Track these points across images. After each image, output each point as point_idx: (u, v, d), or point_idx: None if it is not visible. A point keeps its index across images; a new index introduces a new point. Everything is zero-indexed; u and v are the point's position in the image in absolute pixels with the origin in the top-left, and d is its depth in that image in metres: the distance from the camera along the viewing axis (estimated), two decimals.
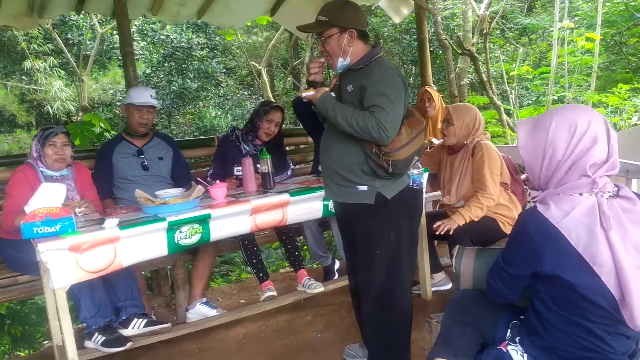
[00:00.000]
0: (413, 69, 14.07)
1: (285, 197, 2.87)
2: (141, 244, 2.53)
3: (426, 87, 4.29)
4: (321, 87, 2.34)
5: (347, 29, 2.26)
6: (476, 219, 3.07)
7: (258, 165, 3.22)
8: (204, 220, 2.67)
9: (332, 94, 2.33)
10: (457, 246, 1.93)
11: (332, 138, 2.35)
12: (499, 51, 9.66)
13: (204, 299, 3.33)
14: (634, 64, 9.90)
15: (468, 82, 7.98)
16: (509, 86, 7.02)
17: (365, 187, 2.28)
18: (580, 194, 1.46)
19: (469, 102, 7.08)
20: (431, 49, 5.00)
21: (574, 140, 1.47)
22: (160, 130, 10.19)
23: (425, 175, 3.19)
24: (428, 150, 3.62)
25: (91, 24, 10.39)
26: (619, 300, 1.40)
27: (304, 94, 2.36)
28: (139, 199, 2.77)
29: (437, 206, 4.08)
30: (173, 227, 2.59)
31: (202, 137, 10.45)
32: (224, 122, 12.47)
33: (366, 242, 2.34)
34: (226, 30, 7.86)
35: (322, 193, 2.90)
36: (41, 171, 2.99)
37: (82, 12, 4.52)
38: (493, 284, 1.62)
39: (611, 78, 8.76)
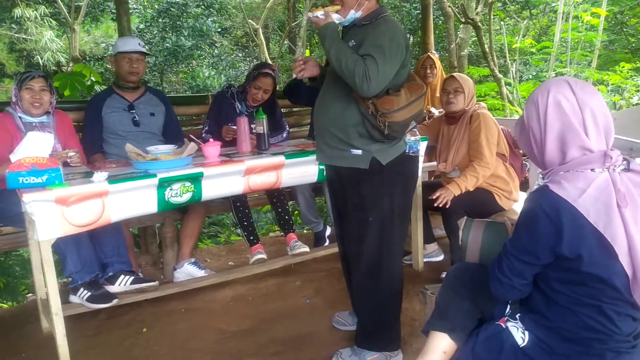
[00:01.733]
0: (412, 38, 13.88)
1: (280, 159, 2.80)
2: (130, 200, 2.46)
3: (428, 54, 4.18)
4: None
5: None
6: (471, 189, 3.03)
7: (253, 125, 3.13)
8: (195, 179, 2.60)
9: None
10: (465, 218, 1.86)
11: (328, 97, 2.28)
12: (501, 23, 9.49)
13: (192, 259, 3.29)
14: (633, 45, 9.82)
15: (467, 53, 7.86)
16: (509, 60, 6.91)
17: (359, 151, 2.22)
18: (593, 170, 1.39)
19: (468, 73, 6.99)
20: (433, 17, 4.86)
21: (541, 113, 1.44)
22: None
23: (424, 144, 3.14)
24: (427, 122, 3.55)
25: None
26: (631, 279, 1.35)
27: (312, 14, 2.23)
28: (129, 153, 2.69)
29: (433, 177, 4.04)
30: (164, 184, 2.52)
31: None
32: (217, 82, 12.25)
33: (358, 209, 2.28)
34: None
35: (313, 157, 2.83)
36: (20, 117, 2.88)
37: None
38: (505, 279, 1.50)
39: (610, 57, 8.67)
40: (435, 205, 2.98)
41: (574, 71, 6.21)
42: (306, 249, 3.24)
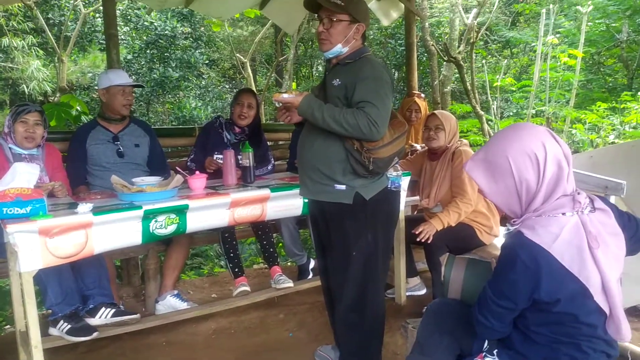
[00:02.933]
0: (396, 74, 14.16)
1: (265, 192, 2.83)
2: (114, 232, 2.46)
3: (415, 98, 4.23)
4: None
5: (358, 21, 2.25)
6: (453, 224, 3.08)
7: (239, 157, 3.17)
8: (181, 211, 2.61)
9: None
10: (448, 254, 1.90)
11: (312, 132, 2.30)
12: (483, 61, 9.76)
13: (175, 291, 3.27)
14: (610, 84, 10.12)
15: (450, 89, 8.04)
16: (490, 97, 7.08)
17: (343, 187, 2.24)
18: (564, 214, 1.43)
19: (450, 109, 7.14)
20: (417, 54, 4.98)
21: (540, 168, 1.45)
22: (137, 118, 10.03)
23: (406, 180, 3.20)
24: (410, 157, 3.61)
25: (74, 3, 10.15)
26: (608, 317, 1.39)
27: (278, 97, 2.24)
28: (115, 184, 2.70)
29: (415, 211, 4.09)
30: (149, 216, 2.53)
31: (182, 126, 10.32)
32: (203, 113, 12.34)
33: (342, 243, 2.30)
34: (213, 20, 7.75)
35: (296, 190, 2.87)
36: (10, 148, 2.89)
37: None
38: (485, 321, 1.51)
39: (588, 96, 8.92)
40: (418, 239, 3.02)
41: (552, 109, 6.39)
42: (290, 284, 3.24)
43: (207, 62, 14.16)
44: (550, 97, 6.64)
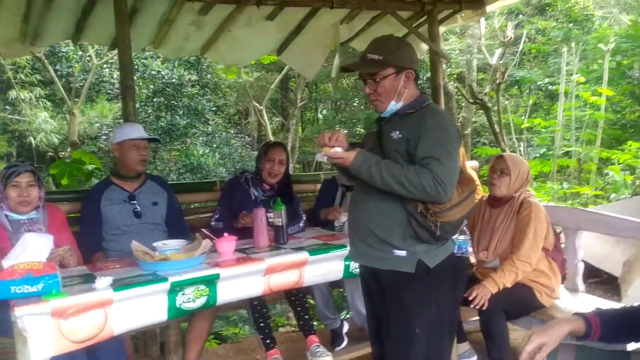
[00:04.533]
0: None
1: (303, 255, 2.53)
2: (137, 309, 2.16)
3: None
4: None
5: (405, 69, 2.03)
6: (509, 286, 2.76)
7: (269, 215, 2.89)
8: (211, 281, 2.32)
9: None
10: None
11: (365, 191, 2.05)
12: (506, 102, 9.61)
13: None
14: (623, 122, 9.94)
15: (470, 132, 7.84)
16: (516, 138, 6.87)
17: (404, 253, 1.98)
18: None
19: (476, 152, 6.91)
20: (432, 100, 4.77)
21: None
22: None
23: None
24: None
25: (86, 55, 10.10)
26: None
27: (329, 153, 1.97)
28: (135, 252, 2.42)
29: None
30: (175, 289, 2.23)
31: (195, 176, 10.10)
32: (211, 160, 12.16)
33: (402, 318, 2.02)
34: (229, 67, 7.65)
35: (343, 252, 2.59)
36: (5, 215, 2.60)
37: (79, 42, 4.22)
38: None
39: (612, 135, 8.69)
40: (472, 306, 2.70)
41: (582, 150, 6.17)
42: (330, 357, 2.90)
43: (213, 108, 14.11)
44: (579, 137, 6.43)
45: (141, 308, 2.17)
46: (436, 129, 1.93)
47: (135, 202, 3.08)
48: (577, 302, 2.99)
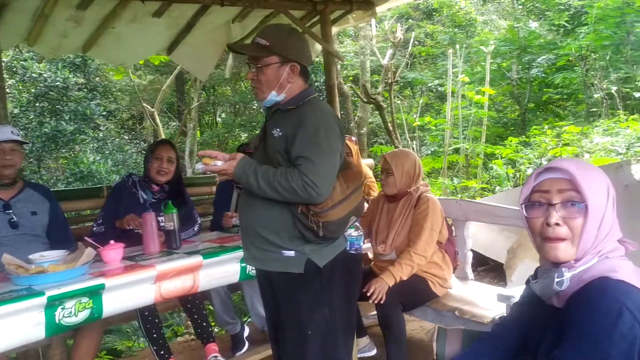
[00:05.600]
0: None
1: (197, 259, 2.43)
2: (10, 328, 1.95)
3: (346, 141, 4.04)
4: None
5: (291, 61, 1.94)
6: (405, 278, 2.83)
7: (160, 220, 2.76)
8: (95, 292, 2.15)
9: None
10: (437, 327, 1.62)
11: (253, 194, 1.96)
12: (399, 102, 9.97)
13: None
14: (504, 120, 10.73)
15: (366, 131, 8.04)
16: (410, 137, 7.15)
17: (292, 253, 1.92)
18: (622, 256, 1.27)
19: (372, 151, 7.10)
20: (327, 99, 4.84)
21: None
22: (28, 177, 9.07)
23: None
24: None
25: None
26: None
27: (209, 168, 1.91)
28: (7, 266, 2.19)
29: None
30: (54, 303, 2.05)
31: (85, 186, 9.49)
32: (103, 167, 11.49)
33: (294, 322, 1.96)
34: (115, 68, 7.26)
35: (239, 254, 2.51)
36: None
37: None
38: None
39: (496, 132, 9.31)
40: (371, 301, 2.73)
41: (469, 146, 6.54)
42: None
43: (104, 113, 13.38)
44: (466, 135, 6.81)
45: (14, 326, 1.96)
46: (312, 125, 1.85)
47: (10, 211, 2.82)
48: (467, 290, 3.15)
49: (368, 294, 2.71)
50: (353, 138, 4.15)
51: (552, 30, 10.66)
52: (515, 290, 2.50)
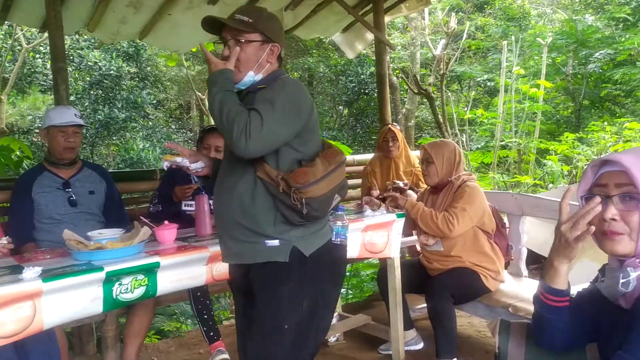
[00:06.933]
0: (345, 111, 14.13)
1: None
2: (69, 301, 2.00)
3: (389, 126, 4.01)
4: None
5: (273, 41, 1.86)
6: (413, 217, 2.89)
7: (212, 202, 2.78)
8: (150, 270, 2.19)
9: None
10: (500, 319, 1.57)
11: (229, 180, 1.86)
12: (449, 94, 9.80)
13: None
14: (558, 116, 10.38)
15: (413, 124, 7.93)
16: (459, 130, 7.01)
17: (276, 242, 1.79)
18: None
19: (419, 143, 6.99)
20: (378, 89, 4.79)
21: None
22: None
23: (401, 221, 2.90)
24: (390, 192, 3.28)
25: (15, 37, 9.54)
26: None
27: (167, 163, 1.94)
28: (68, 241, 2.25)
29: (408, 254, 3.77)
30: (112, 279, 2.09)
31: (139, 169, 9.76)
32: (152, 155, 11.79)
33: (272, 313, 1.80)
34: (169, 55, 7.40)
35: None
36: None
37: (6, 22, 3.94)
38: None
39: (551, 130, 9.03)
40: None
41: (521, 141, 6.36)
42: None
43: (153, 102, 13.70)
44: (518, 129, 6.62)
45: (74, 300, 2.02)
46: (276, 91, 1.76)
47: (70, 190, 2.92)
48: (521, 286, 3.05)
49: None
50: (397, 126, 4.10)
51: (610, 24, 10.25)
52: (573, 289, 2.40)
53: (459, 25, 10.70)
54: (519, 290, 2.94)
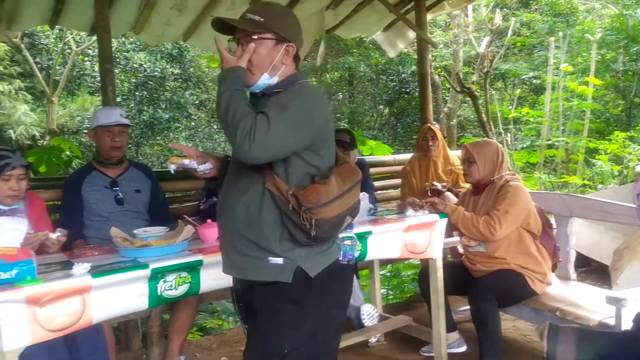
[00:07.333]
0: (385, 110, 14.03)
1: None
2: (117, 296, 2.06)
3: (429, 124, 3.97)
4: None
5: (287, 41, 1.73)
6: (454, 221, 2.84)
7: None
8: (193, 268, 2.23)
9: None
10: (548, 323, 1.52)
11: (234, 189, 1.76)
12: (493, 92, 9.60)
13: (183, 357, 2.86)
14: (607, 114, 10.01)
15: (455, 123, 7.80)
16: (503, 129, 6.85)
17: (280, 260, 1.67)
18: None
19: (462, 142, 6.88)
20: (419, 88, 4.74)
21: None
22: None
23: (443, 222, 2.85)
24: (429, 196, 3.23)
25: (65, 40, 9.90)
26: None
27: (173, 166, 1.88)
28: (115, 238, 2.32)
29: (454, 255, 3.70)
30: (156, 276, 2.14)
31: None
32: None
33: (273, 337, 1.70)
34: (212, 55, 7.53)
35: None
36: None
37: (56, 26, 4.09)
38: None
39: (600, 128, 8.73)
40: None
41: (569, 140, 6.17)
42: None
43: (196, 102, 13.95)
44: (566, 128, 6.42)
45: (121, 296, 2.08)
46: (291, 99, 1.64)
47: (117, 188, 3.00)
48: (570, 290, 2.96)
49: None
50: (437, 124, 4.05)
51: None
52: (626, 293, 2.31)
53: (503, 21, 10.46)
54: (567, 293, 2.86)
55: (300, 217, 1.60)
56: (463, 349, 3.10)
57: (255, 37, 1.69)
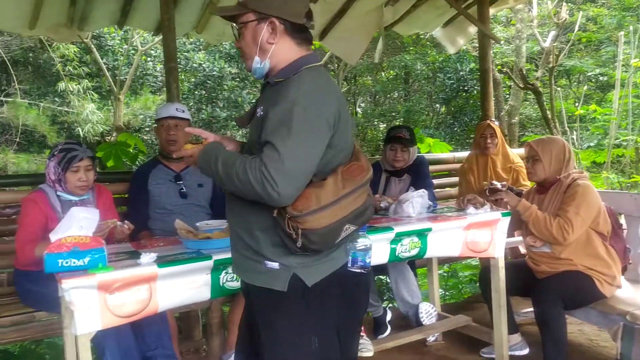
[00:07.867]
0: (442, 109, 13.78)
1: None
2: (181, 286, 2.12)
3: (488, 121, 3.85)
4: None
5: (268, 16, 1.54)
6: (526, 219, 2.73)
7: None
8: None
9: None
10: (622, 324, 1.46)
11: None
12: (558, 89, 9.26)
13: None
14: None
15: (517, 121, 7.56)
16: (568, 127, 6.59)
17: (275, 265, 1.53)
18: None
19: (522, 141, 6.68)
20: (480, 84, 4.62)
21: None
22: None
23: (506, 220, 2.77)
24: (487, 195, 3.12)
25: (131, 40, 10.31)
26: None
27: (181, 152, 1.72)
28: (179, 230, 2.39)
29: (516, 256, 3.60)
30: (219, 267, 2.19)
31: None
32: None
33: (273, 350, 1.57)
34: None
35: (389, 235, 2.48)
36: (58, 195, 2.63)
37: (125, 26, 4.26)
38: None
39: None
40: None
41: (639, 139, 5.87)
42: (370, 353, 2.84)
43: (253, 101, 14.19)
44: (633, 127, 6.12)
45: (185, 285, 2.14)
46: (288, 101, 1.43)
47: (181, 182, 3.08)
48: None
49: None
50: (496, 122, 3.93)
51: None
52: None
53: (568, 16, 10.07)
54: (638, 297, 2.72)
55: (286, 224, 1.45)
56: (525, 351, 3.00)
57: (237, 26, 1.60)
